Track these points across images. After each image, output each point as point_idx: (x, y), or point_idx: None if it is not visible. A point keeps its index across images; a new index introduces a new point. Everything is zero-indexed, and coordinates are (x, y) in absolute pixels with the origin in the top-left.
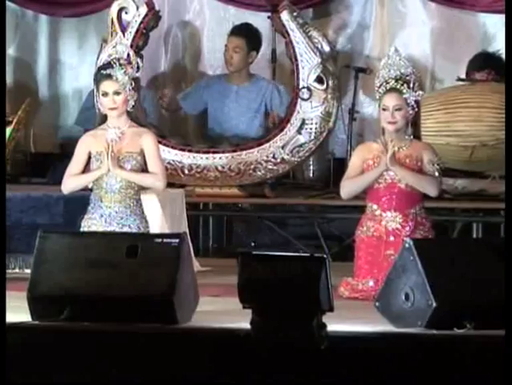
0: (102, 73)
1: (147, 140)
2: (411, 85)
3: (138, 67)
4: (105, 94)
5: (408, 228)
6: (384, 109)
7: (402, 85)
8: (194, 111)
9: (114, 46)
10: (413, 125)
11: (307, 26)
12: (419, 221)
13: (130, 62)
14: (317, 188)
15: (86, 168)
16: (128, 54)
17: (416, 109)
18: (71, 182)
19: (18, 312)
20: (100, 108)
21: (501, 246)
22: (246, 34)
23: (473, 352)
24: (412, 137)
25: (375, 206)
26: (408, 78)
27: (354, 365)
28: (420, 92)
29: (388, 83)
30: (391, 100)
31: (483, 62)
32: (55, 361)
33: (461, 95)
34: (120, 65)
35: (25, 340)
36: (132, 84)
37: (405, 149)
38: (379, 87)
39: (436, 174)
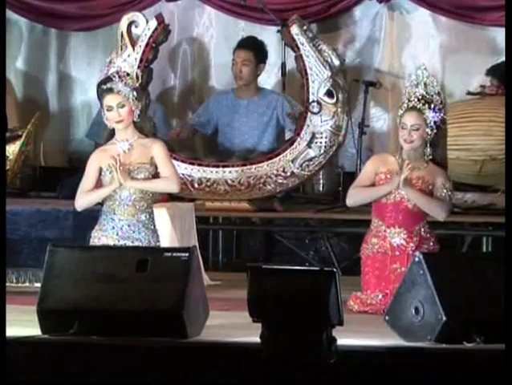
0: (103, 88)
1: (156, 148)
2: (432, 105)
3: (137, 77)
4: (109, 108)
5: (412, 244)
6: (402, 127)
7: (424, 104)
8: (208, 130)
9: (125, 60)
10: (432, 146)
11: (317, 40)
12: (423, 236)
13: (128, 74)
14: (326, 202)
15: (97, 183)
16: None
17: (435, 130)
18: (84, 199)
19: (28, 326)
20: (107, 123)
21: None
22: (254, 47)
23: (483, 366)
24: (429, 158)
25: (380, 222)
26: (431, 98)
27: (363, 379)
28: (442, 114)
29: (410, 101)
30: (409, 119)
31: (499, 74)
32: (64, 375)
33: (470, 108)
34: (120, 77)
35: (34, 354)
36: (134, 94)
37: (420, 170)
38: (403, 104)
39: (447, 199)
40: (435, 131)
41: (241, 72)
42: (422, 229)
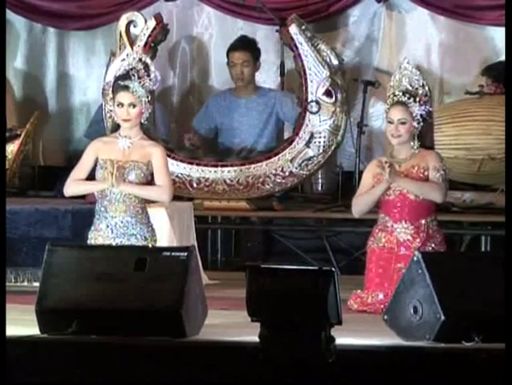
0: (119, 83)
1: (156, 153)
2: (417, 99)
3: (156, 80)
4: (120, 104)
5: (418, 240)
6: (389, 122)
7: (409, 98)
8: (210, 132)
9: (127, 58)
10: (420, 137)
11: (316, 40)
12: (430, 234)
13: (149, 75)
14: (325, 201)
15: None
16: (148, 67)
17: (422, 123)
18: (74, 187)
19: (27, 325)
20: (114, 117)
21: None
22: (249, 47)
23: (482, 365)
24: (418, 150)
25: (387, 217)
26: (416, 91)
27: (362, 378)
28: (428, 107)
29: (395, 95)
30: (396, 113)
31: (498, 74)
32: (63, 374)
33: (469, 108)
34: (139, 77)
35: (33, 353)
36: (148, 97)
37: (413, 159)
38: (388, 99)
39: (440, 180)
40: (422, 124)
41: (243, 73)
42: (430, 225)
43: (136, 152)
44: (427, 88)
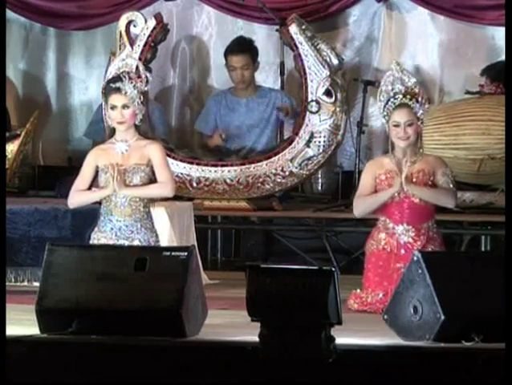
0: (111, 86)
1: (153, 150)
2: (419, 99)
3: (147, 81)
4: (113, 107)
5: (419, 243)
6: (395, 125)
7: (410, 99)
8: (211, 131)
9: (123, 59)
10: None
11: (316, 39)
12: (431, 236)
13: (139, 76)
14: (325, 201)
15: (93, 181)
16: (138, 68)
17: (424, 123)
18: (77, 198)
19: (27, 325)
20: (108, 121)
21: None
22: (247, 49)
23: (482, 365)
24: (421, 151)
25: (387, 220)
26: (414, 91)
27: (362, 378)
28: (427, 105)
29: (396, 98)
30: (402, 116)
31: (497, 74)
32: (63, 374)
33: (468, 108)
34: (130, 78)
35: (33, 353)
36: (140, 98)
37: (418, 164)
38: (387, 103)
39: (451, 185)
40: (424, 123)
41: (244, 76)
42: (430, 228)
43: (135, 154)
44: (421, 86)
